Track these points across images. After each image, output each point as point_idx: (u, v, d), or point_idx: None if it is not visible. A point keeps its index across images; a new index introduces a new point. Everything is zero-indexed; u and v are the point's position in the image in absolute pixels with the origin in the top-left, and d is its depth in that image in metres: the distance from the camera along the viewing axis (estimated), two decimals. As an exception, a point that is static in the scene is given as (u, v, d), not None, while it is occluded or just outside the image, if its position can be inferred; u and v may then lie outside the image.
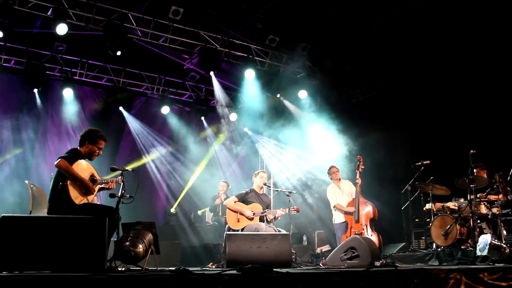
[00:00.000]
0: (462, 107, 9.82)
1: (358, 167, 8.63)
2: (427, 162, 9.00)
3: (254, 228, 7.46)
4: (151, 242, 5.42)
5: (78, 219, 4.91)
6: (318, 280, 3.56)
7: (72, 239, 4.70)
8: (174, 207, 13.05)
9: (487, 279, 4.17)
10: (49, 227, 4.75)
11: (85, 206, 5.55)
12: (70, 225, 4.81)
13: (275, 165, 13.33)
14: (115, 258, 5.15)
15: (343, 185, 8.96)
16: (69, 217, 4.95)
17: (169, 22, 10.26)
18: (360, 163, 8.65)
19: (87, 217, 4.98)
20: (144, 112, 13.37)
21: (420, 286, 3.86)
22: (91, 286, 3.09)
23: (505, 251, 6.43)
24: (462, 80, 9.93)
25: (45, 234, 4.68)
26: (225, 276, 3.45)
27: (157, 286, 3.18)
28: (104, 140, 6.04)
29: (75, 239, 4.71)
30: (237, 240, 6.49)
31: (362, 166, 8.65)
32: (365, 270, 4.14)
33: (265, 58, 11.87)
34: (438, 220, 8.23)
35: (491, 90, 9.47)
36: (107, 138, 6.12)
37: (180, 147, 13.76)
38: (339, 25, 10.60)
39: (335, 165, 9.23)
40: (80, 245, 4.69)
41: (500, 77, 9.39)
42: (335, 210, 8.85)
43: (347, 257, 7.01)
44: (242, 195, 8.12)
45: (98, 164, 6.34)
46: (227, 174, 13.58)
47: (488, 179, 8.16)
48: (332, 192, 8.99)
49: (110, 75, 12.11)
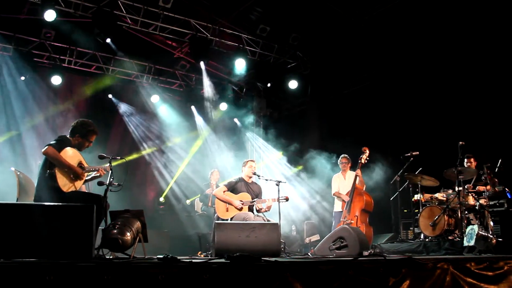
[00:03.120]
0: (451, 98, 9.84)
1: (362, 158, 8.62)
2: (416, 153, 9.02)
3: (242, 218, 7.44)
4: (139, 230, 5.39)
5: (65, 207, 4.86)
6: (306, 269, 3.56)
7: (60, 227, 4.64)
8: (164, 196, 13.02)
9: (474, 269, 4.20)
10: (36, 214, 4.68)
11: (73, 194, 5.51)
12: (57, 213, 4.75)
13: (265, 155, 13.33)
14: (103, 246, 5.11)
15: (349, 176, 8.96)
16: (57, 204, 4.90)
17: (160, 10, 10.17)
18: (364, 154, 8.62)
19: (74, 205, 4.93)
20: (133, 100, 13.28)
21: (408, 275, 3.87)
22: (78, 274, 3.06)
23: (491, 242, 6.49)
24: (452, 72, 9.95)
25: (32, 221, 4.62)
26: (213, 264, 3.44)
27: (145, 274, 3.16)
28: (96, 134, 5.97)
29: (63, 227, 4.65)
30: (226, 229, 6.47)
31: (366, 158, 8.62)
32: (353, 260, 4.15)
33: (256, 47, 11.81)
34: (427, 211, 8.28)
35: (480, 82, 9.50)
36: (98, 131, 6.03)
37: (170, 135, 13.71)
38: (331, 15, 10.58)
39: (347, 156, 9.22)
40: (67, 232, 4.63)
41: (488, 70, 9.41)
42: (335, 198, 8.96)
43: (335, 246, 7.03)
44: (231, 184, 8.09)
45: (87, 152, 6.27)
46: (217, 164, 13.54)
47: (476, 171, 8.22)
48: (336, 181, 9.08)
49: (100, 63, 12.01)
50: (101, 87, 12.19)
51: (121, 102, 13.01)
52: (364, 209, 8.36)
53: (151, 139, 13.50)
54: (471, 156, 8.46)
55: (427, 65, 10.47)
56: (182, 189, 13.10)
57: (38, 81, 11.45)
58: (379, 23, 10.46)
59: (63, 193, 5.40)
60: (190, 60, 12.42)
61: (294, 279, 3.39)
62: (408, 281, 3.82)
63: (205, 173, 11.62)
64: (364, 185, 8.86)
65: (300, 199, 11.62)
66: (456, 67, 9.89)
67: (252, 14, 11.15)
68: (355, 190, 8.46)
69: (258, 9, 10.89)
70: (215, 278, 3.22)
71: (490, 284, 4.20)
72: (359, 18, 10.55)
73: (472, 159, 8.44)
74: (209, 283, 3.20)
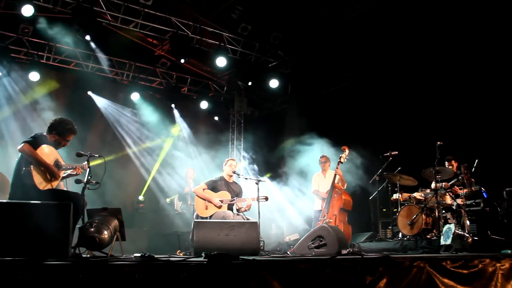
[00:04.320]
0: (430, 99, 9.96)
1: (341, 157, 8.67)
2: (395, 153, 9.11)
3: (221, 216, 7.43)
4: (117, 228, 5.35)
5: (41, 205, 4.79)
6: (284, 267, 3.56)
7: (36, 225, 4.57)
8: (142, 194, 12.93)
9: (450, 267, 4.25)
10: (11, 212, 4.62)
11: (49, 192, 5.43)
12: (33, 211, 4.67)
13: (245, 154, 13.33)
14: (80, 244, 5.06)
15: (329, 175, 9.00)
16: (33, 202, 4.83)
17: (140, 7, 10.10)
18: (344, 153, 8.69)
19: (51, 203, 4.87)
20: (113, 98, 13.16)
21: (385, 274, 3.90)
22: (52, 272, 3.02)
23: (467, 240, 6.58)
24: (430, 73, 10.08)
25: (7, 219, 4.54)
26: (190, 263, 3.42)
27: (121, 272, 3.13)
28: (73, 133, 5.89)
29: (39, 225, 4.58)
30: (205, 227, 6.45)
31: (346, 157, 8.70)
32: (331, 258, 4.16)
33: (237, 46, 11.80)
34: (405, 210, 8.35)
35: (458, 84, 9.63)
36: (77, 131, 5.95)
37: (149, 133, 13.61)
38: (312, 15, 10.61)
39: (326, 155, 9.25)
40: (43, 231, 4.56)
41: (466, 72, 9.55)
42: (315, 197, 8.99)
43: (314, 245, 7.06)
44: (211, 182, 8.08)
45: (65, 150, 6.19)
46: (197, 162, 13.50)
47: (454, 171, 8.33)
48: (316, 180, 9.11)
49: (79, 60, 11.86)
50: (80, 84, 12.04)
51: (100, 99, 12.87)
52: (342, 208, 8.43)
53: (131, 137, 13.38)
54: (452, 158, 8.56)
55: (407, 65, 10.59)
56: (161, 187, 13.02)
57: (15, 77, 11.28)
58: (360, 23, 10.53)
59: (39, 191, 5.32)
60: (171, 58, 12.35)
61: (272, 277, 3.39)
62: (385, 279, 3.85)
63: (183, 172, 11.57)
64: (345, 184, 8.90)
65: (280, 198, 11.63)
66: (435, 68, 10.02)
67: (234, 12, 11.15)
68: (334, 189, 8.51)
69: (240, 7, 10.89)
70: (193, 277, 3.21)
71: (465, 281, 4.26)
72: (341, 18, 10.60)
73: (453, 161, 8.54)
74: (186, 281, 3.18)
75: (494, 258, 4.62)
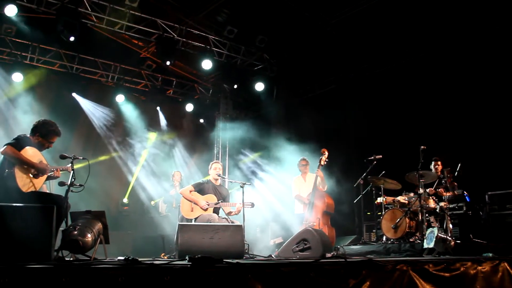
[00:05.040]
0: (414, 104, 10.06)
1: (321, 160, 8.70)
2: (379, 156, 9.17)
3: (206, 219, 7.42)
4: (100, 231, 5.31)
5: (24, 208, 4.74)
6: (268, 270, 3.57)
7: (18, 228, 4.52)
8: (127, 196, 12.85)
9: (432, 270, 4.29)
10: (-7, 215, 4.57)
11: (32, 194, 5.39)
12: (16, 214, 4.63)
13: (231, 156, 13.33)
14: (63, 247, 5.01)
15: (309, 178, 9.01)
16: (15, 205, 4.78)
17: (126, 8, 10.04)
18: (323, 156, 8.72)
19: (34, 206, 4.82)
20: (98, 99, 13.07)
21: (368, 277, 3.92)
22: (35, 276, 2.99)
23: (450, 244, 6.64)
24: (415, 77, 10.17)
25: (-11, 222, 4.49)
26: (174, 266, 3.42)
27: (104, 275, 3.11)
28: (57, 135, 5.85)
29: (21, 228, 4.53)
30: (190, 231, 6.44)
31: (325, 159, 8.72)
32: (315, 262, 4.18)
33: (223, 49, 11.80)
34: (389, 214, 8.42)
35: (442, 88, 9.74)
36: (61, 133, 5.90)
37: (134, 135, 13.54)
38: (298, 19, 10.66)
39: (306, 158, 9.26)
40: (26, 234, 4.52)
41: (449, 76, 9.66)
42: (296, 200, 8.95)
43: (299, 248, 7.08)
44: (198, 184, 8.07)
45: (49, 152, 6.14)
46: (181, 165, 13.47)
47: (437, 174, 8.43)
48: (296, 183, 9.09)
49: (63, 61, 11.77)
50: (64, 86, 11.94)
51: (85, 101, 12.78)
52: (325, 211, 8.47)
53: (115, 139, 13.30)
54: (438, 159, 8.65)
55: (391, 70, 10.69)
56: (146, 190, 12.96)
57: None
58: (346, 27, 10.60)
59: (22, 193, 5.28)
60: (156, 60, 12.31)
61: (256, 281, 3.39)
62: (368, 282, 3.87)
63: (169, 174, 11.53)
64: (326, 186, 8.92)
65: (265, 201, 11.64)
66: (419, 73, 10.12)
67: (220, 15, 11.15)
68: (316, 192, 8.54)
69: (226, 10, 10.90)
70: (176, 280, 3.20)
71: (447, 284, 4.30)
72: (326, 22, 10.66)
73: (439, 162, 8.65)
74: (170, 285, 3.17)
75: (476, 261, 4.68)
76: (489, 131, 9.09)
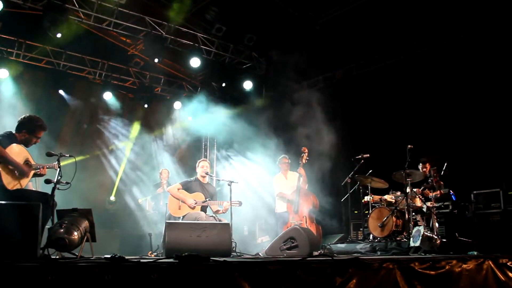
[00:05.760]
0: (401, 103, 10.12)
1: (302, 158, 8.73)
2: (367, 155, 9.21)
3: (194, 217, 7.42)
4: (87, 229, 5.27)
5: (10, 205, 4.72)
6: (255, 268, 3.57)
7: (4, 226, 4.49)
8: (113, 194, 12.79)
9: (418, 268, 4.33)
10: (-22, 213, 4.52)
11: (18, 192, 5.36)
12: (1, 211, 4.58)
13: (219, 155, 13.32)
14: (49, 245, 4.97)
15: (290, 176, 9.03)
16: (1, 202, 4.74)
17: (114, 5, 9.98)
18: (304, 154, 8.76)
19: (20, 203, 4.80)
20: (85, 97, 12.97)
21: (354, 275, 3.95)
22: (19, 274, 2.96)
23: (436, 242, 6.71)
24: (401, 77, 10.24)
25: (-26, 220, 4.45)
26: (161, 264, 3.41)
27: (90, 273, 3.09)
28: (44, 129, 5.82)
29: (7, 226, 4.50)
30: (177, 229, 6.42)
31: (306, 158, 8.76)
32: (302, 260, 4.19)
33: (211, 47, 11.77)
34: (376, 212, 8.47)
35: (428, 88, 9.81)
36: (46, 127, 5.87)
37: (122, 133, 13.47)
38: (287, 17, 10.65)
39: (287, 156, 9.27)
40: (12, 232, 4.49)
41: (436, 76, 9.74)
42: (278, 199, 8.94)
43: (286, 247, 7.09)
44: (186, 182, 8.08)
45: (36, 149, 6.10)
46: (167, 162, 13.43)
47: (424, 174, 8.49)
48: (278, 181, 9.08)
49: (50, 58, 11.65)
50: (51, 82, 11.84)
51: (72, 98, 12.68)
52: (311, 208, 8.49)
53: (102, 137, 13.22)
54: (426, 161, 8.71)
55: (379, 69, 10.74)
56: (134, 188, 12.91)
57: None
58: (334, 26, 10.62)
59: (7, 191, 5.24)
60: (144, 58, 12.24)
61: (243, 279, 3.40)
62: (354, 280, 3.90)
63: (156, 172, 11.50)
64: (307, 184, 8.94)
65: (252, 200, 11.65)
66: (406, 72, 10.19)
67: (208, 13, 11.11)
68: (301, 191, 8.56)
69: (214, 8, 10.86)
70: (163, 278, 3.19)
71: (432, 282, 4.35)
72: (315, 21, 10.68)
73: (427, 164, 8.70)
74: (156, 283, 3.16)
75: (461, 260, 4.74)
76: (475, 131, 9.19)
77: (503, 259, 5.14)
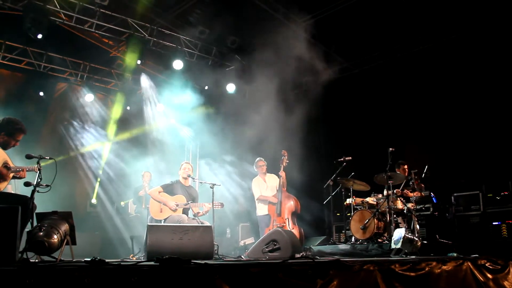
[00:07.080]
0: (383, 106, 10.21)
1: (282, 161, 8.77)
2: (349, 158, 9.27)
3: (176, 220, 7.38)
4: (67, 232, 5.22)
5: (-12, 208, 4.64)
6: (236, 271, 3.57)
7: (-19, 229, 4.42)
8: (95, 197, 12.68)
9: (398, 270, 4.36)
10: (-45, 216, 4.44)
11: (-4, 195, 5.27)
12: (-22, 214, 4.53)
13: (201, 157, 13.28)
14: (28, 249, 4.91)
15: (269, 179, 9.05)
16: (-22, 205, 4.67)
17: (96, 7, 9.91)
18: (284, 157, 8.80)
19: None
20: (66, 98, 12.84)
21: (335, 277, 3.96)
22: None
23: (417, 244, 6.76)
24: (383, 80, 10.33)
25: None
26: (142, 267, 3.38)
27: (70, 277, 3.06)
28: (23, 132, 5.74)
29: (-16, 229, 4.43)
30: (159, 232, 6.39)
31: (286, 161, 8.79)
32: (283, 262, 4.20)
33: (194, 49, 11.75)
34: (358, 215, 8.52)
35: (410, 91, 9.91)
36: (26, 130, 5.80)
37: (104, 135, 13.37)
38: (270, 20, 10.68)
39: (263, 159, 9.28)
40: (-11, 235, 4.42)
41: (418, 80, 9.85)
42: (258, 202, 8.94)
43: (268, 249, 7.11)
44: (167, 185, 8.02)
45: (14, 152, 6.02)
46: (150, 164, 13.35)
47: (405, 176, 8.58)
48: (257, 185, 9.06)
49: (31, 59, 11.51)
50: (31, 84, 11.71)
51: (53, 101, 12.54)
52: (294, 211, 8.53)
53: (83, 139, 13.10)
54: (405, 163, 8.83)
55: (361, 72, 10.83)
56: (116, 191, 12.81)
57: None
58: (319, 29, 10.67)
59: (-15, 193, 5.16)
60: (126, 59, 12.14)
61: (224, 281, 3.39)
62: (335, 282, 3.91)
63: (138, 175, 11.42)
64: (286, 187, 8.96)
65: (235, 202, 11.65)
66: (388, 76, 10.28)
67: (191, 15, 11.08)
68: (283, 193, 8.60)
69: (198, 11, 10.84)
70: (144, 281, 3.17)
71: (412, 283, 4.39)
72: (299, 24, 10.71)
73: (406, 166, 8.82)
74: (137, 286, 3.14)
75: (440, 261, 4.78)
76: (456, 134, 9.31)
77: (481, 260, 5.21)
